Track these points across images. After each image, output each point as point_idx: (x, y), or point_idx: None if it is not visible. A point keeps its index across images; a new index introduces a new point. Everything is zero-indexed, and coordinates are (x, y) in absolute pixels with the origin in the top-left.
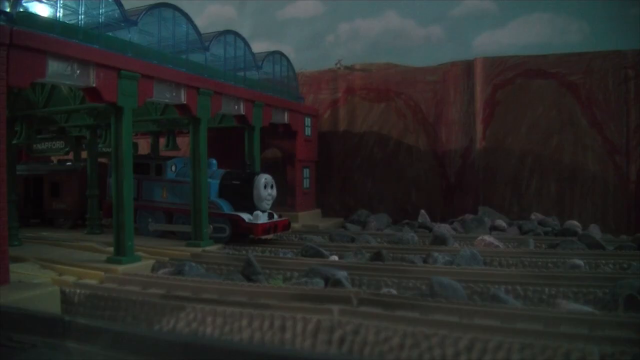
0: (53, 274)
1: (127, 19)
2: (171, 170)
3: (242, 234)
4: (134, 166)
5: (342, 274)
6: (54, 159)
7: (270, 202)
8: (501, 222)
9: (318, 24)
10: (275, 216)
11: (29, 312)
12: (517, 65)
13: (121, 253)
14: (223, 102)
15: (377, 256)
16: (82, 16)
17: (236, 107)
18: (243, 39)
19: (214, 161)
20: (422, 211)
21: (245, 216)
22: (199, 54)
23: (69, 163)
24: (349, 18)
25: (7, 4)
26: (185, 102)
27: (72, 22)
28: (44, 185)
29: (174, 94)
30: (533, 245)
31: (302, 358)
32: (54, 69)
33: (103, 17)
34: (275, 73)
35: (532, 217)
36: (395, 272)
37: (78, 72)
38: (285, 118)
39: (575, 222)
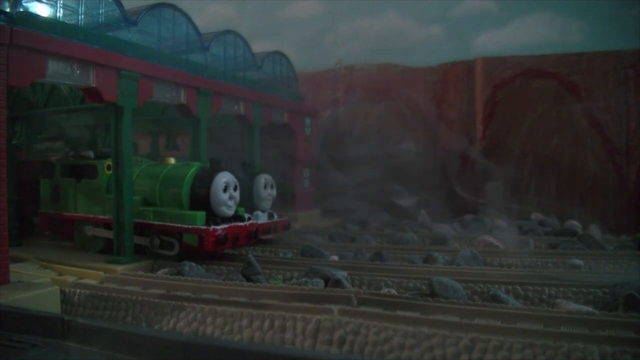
0: (53, 274)
1: (127, 19)
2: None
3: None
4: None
5: (342, 274)
6: None
7: (270, 202)
8: (501, 222)
9: (318, 24)
10: (275, 216)
11: (29, 312)
12: (517, 65)
13: (121, 253)
14: (223, 102)
15: (377, 256)
16: (82, 16)
17: (236, 107)
18: (243, 39)
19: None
20: (422, 211)
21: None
22: (199, 54)
23: None
24: (349, 18)
25: (7, 4)
26: (185, 102)
27: (72, 22)
28: None
29: (174, 94)
30: (533, 245)
31: (302, 358)
32: (54, 69)
33: (103, 17)
34: (275, 73)
35: (532, 217)
36: (395, 272)
37: (78, 72)
38: (285, 118)
39: (575, 222)
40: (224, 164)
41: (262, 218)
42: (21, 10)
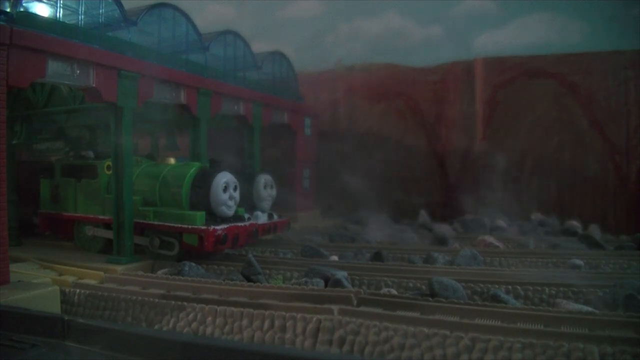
0: (53, 274)
1: (127, 19)
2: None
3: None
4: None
5: (342, 274)
6: None
7: (270, 203)
8: (501, 222)
9: (318, 24)
10: (275, 216)
11: (29, 312)
12: (517, 65)
13: (121, 253)
14: (223, 102)
15: (377, 256)
16: (82, 16)
17: (236, 107)
18: (243, 39)
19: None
20: (422, 211)
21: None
22: (199, 54)
23: None
24: (349, 18)
25: (7, 4)
26: (185, 102)
27: (72, 22)
28: None
29: (174, 94)
30: (533, 245)
31: (302, 358)
32: (54, 69)
33: (103, 17)
34: (275, 73)
35: (532, 217)
36: (395, 272)
37: (78, 72)
38: (285, 118)
39: (575, 222)
40: (223, 164)
41: (262, 218)
42: (21, 10)
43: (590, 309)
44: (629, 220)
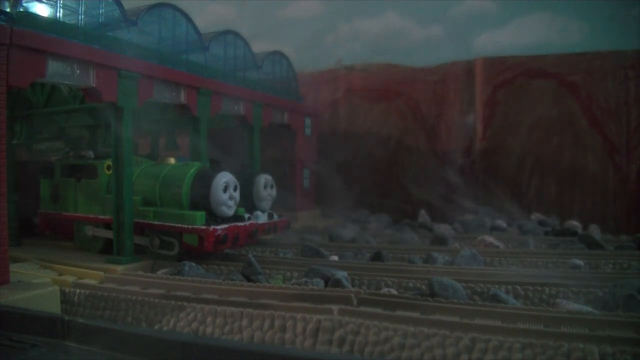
0: (53, 274)
1: (127, 19)
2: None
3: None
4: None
5: (342, 274)
6: None
7: (270, 203)
8: (501, 222)
9: (318, 24)
10: (275, 216)
11: (29, 312)
12: (517, 65)
13: (121, 253)
14: (223, 102)
15: (377, 256)
16: (82, 16)
17: (236, 107)
18: (243, 39)
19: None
20: (422, 211)
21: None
22: (199, 54)
23: None
24: (349, 18)
25: (7, 4)
26: (185, 102)
27: (72, 22)
28: None
29: (174, 94)
30: (533, 245)
31: (302, 358)
32: (54, 69)
33: (103, 17)
34: (275, 73)
35: (532, 217)
36: (395, 272)
37: (78, 72)
38: (285, 118)
39: (575, 222)
40: (223, 164)
41: (262, 218)
42: (21, 10)
43: (590, 309)
44: (629, 220)
